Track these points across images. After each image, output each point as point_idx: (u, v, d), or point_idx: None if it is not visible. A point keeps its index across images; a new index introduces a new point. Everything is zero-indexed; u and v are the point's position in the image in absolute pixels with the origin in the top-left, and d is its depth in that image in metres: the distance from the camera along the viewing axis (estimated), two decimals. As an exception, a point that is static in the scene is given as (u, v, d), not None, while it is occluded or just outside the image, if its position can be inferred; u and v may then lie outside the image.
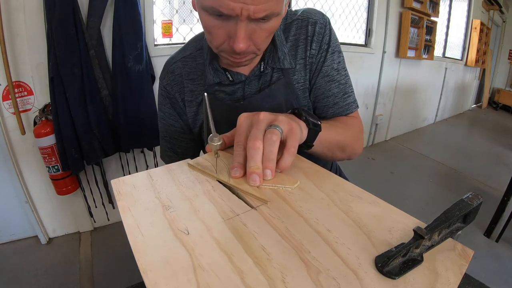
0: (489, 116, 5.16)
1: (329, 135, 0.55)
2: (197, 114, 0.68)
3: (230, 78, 0.62)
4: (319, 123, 0.50)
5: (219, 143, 0.43)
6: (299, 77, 0.64)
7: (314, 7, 0.73)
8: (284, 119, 0.43)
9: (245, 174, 0.42)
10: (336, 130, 0.58)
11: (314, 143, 0.51)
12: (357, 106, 0.68)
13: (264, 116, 0.43)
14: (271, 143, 0.40)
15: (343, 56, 0.66)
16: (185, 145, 0.74)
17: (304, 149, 0.51)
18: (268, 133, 0.41)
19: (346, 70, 0.66)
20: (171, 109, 0.71)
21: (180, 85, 0.67)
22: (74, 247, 1.67)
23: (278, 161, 0.42)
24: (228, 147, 0.50)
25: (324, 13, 0.66)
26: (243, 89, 0.63)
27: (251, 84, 0.63)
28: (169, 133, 0.74)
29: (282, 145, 0.43)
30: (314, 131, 0.49)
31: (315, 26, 0.62)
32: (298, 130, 0.44)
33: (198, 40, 0.67)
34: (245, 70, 0.63)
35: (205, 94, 0.44)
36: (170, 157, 0.77)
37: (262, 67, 0.62)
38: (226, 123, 0.61)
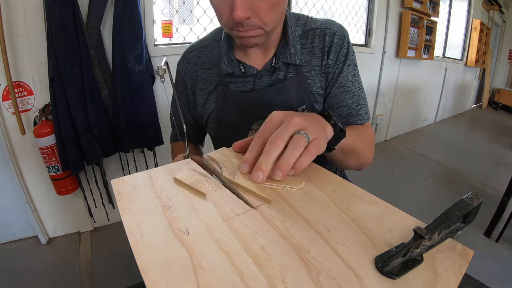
0: (489, 116, 5.16)
1: (349, 141, 0.54)
2: (207, 102, 0.70)
3: (242, 70, 0.64)
4: (345, 129, 0.49)
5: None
6: (313, 82, 0.65)
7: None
8: (313, 130, 0.42)
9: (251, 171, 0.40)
10: (354, 137, 0.58)
11: (335, 148, 0.50)
12: (369, 118, 0.69)
13: (297, 121, 0.41)
14: (296, 147, 0.39)
15: (358, 70, 0.68)
16: (188, 126, 0.77)
17: (325, 152, 0.50)
18: (297, 137, 0.40)
19: (360, 83, 0.68)
20: (183, 91, 0.74)
21: (193, 73, 0.71)
22: (74, 247, 1.67)
23: (295, 163, 0.40)
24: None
25: (342, 25, 0.68)
26: (254, 83, 0.65)
27: (262, 79, 0.65)
28: (175, 110, 0.77)
29: None
30: (338, 136, 0.48)
31: (333, 37, 0.64)
32: (323, 141, 0.43)
33: (217, 32, 0.70)
34: (257, 64, 0.65)
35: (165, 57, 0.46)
36: (174, 135, 0.84)
37: (273, 62, 0.63)
38: (237, 112, 0.65)
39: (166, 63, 0.55)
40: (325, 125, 0.46)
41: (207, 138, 0.84)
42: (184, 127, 0.60)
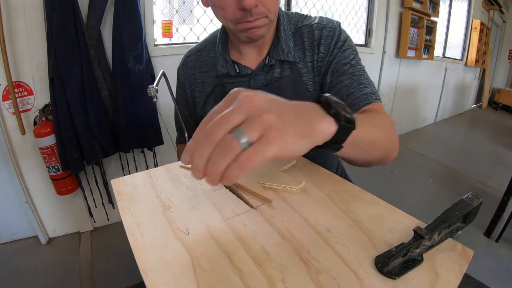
0: (489, 116, 5.16)
1: (365, 131, 0.42)
2: (206, 104, 0.72)
3: (237, 70, 0.65)
4: (354, 119, 0.36)
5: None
6: (307, 79, 0.65)
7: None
8: (265, 121, 0.29)
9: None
10: (370, 124, 0.46)
11: (344, 144, 0.37)
12: (378, 98, 0.57)
13: (249, 102, 0.30)
14: (221, 154, 0.28)
15: (358, 56, 0.63)
16: (189, 128, 0.80)
17: (329, 152, 0.39)
18: (227, 137, 0.29)
19: (361, 65, 0.62)
20: (184, 94, 0.77)
21: (191, 77, 0.73)
22: (74, 247, 1.67)
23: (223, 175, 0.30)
24: None
25: (334, 18, 0.67)
26: (249, 82, 0.66)
27: (257, 78, 0.65)
28: (178, 113, 0.80)
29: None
30: (345, 128, 0.35)
31: (322, 30, 0.63)
32: (278, 143, 0.29)
33: (214, 36, 0.72)
34: (252, 64, 0.66)
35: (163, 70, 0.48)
36: (179, 137, 0.86)
37: (267, 60, 0.64)
38: None
39: (164, 75, 0.56)
40: (313, 117, 0.33)
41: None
42: (186, 135, 0.61)
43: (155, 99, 0.55)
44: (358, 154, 0.44)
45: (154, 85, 0.53)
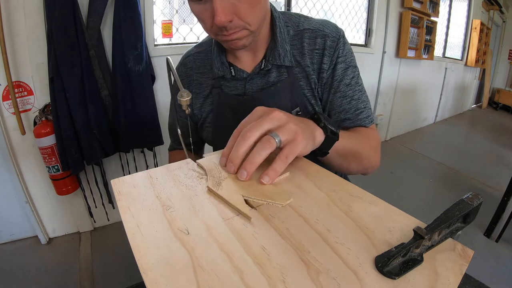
0: (489, 116, 5.16)
1: (346, 144, 0.54)
2: (203, 106, 0.71)
3: (233, 73, 0.64)
4: (338, 131, 0.49)
5: (188, 98, 0.50)
6: (305, 84, 0.64)
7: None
8: (290, 128, 0.41)
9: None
10: (353, 140, 0.57)
11: (329, 152, 0.50)
12: (371, 121, 0.66)
13: (276, 115, 0.41)
14: (262, 147, 0.39)
15: (358, 71, 0.65)
16: (187, 131, 0.79)
17: (318, 156, 0.51)
18: (265, 138, 0.40)
19: (360, 85, 0.65)
20: None
21: (189, 78, 0.72)
22: (74, 247, 1.67)
23: (268, 168, 0.40)
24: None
25: (338, 26, 0.65)
26: (244, 86, 0.65)
27: (252, 82, 0.64)
28: (173, 114, 0.80)
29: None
30: (331, 139, 0.48)
31: (325, 39, 0.61)
32: (302, 143, 0.41)
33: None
34: (248, 67, 0.64)
35: (168, 57, 0.54)
36: (172, 144, 0.86)
37: (263, 64, 0.62)
38: (233, 115, 0.66)
39: (168, 62, 0.57)
40: (313, 127, 0.46)
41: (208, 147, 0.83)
42: (182, 141, 0.62)
43: (187, 110, 0.55)
44: (340, 161, 0.56)
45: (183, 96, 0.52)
